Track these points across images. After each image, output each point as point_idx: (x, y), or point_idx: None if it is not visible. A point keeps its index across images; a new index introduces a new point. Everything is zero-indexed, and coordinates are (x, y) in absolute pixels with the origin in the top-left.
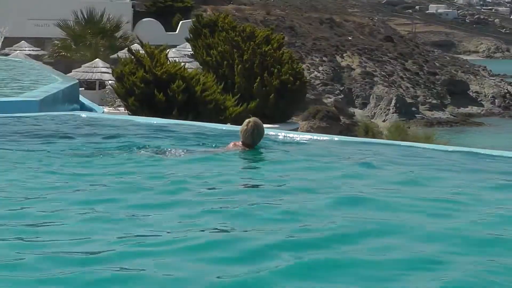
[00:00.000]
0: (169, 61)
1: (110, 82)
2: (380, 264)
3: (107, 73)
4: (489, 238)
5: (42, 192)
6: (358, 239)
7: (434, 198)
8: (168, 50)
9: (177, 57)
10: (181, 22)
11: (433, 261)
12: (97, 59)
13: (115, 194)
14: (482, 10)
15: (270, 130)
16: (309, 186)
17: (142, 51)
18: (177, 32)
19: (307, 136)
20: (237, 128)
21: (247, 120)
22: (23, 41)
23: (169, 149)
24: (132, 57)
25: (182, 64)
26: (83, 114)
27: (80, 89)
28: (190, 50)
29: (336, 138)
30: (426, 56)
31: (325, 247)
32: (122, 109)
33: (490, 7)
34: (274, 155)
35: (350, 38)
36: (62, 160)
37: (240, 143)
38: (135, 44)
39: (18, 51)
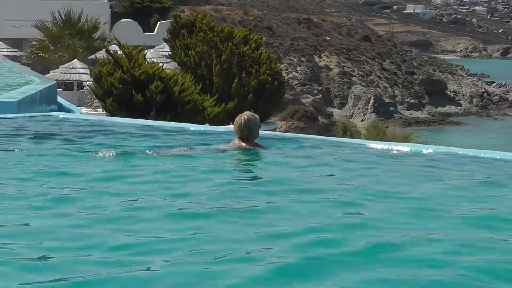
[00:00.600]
0: (147, 61)
1: (88, 83)
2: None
3: (85, 74)
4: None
5: (21, 194)
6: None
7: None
8: (146, 51)
9: (155, 58)
10: (159, 22)
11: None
12: (75, 60)
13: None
14: (459, 9)
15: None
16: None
17: (120, 52)
18: (155, 32)
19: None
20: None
21: (240, 114)
22: (0, 42)
23: (168, 149)
24: (110, 58)
25: (160, 64)
26: (61, 115)
27: (58, 90)
28: (168, 50)
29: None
30: (404, 56)
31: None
32: (100, 110)
33: (467, 7)
34: (272, 155)
35: (328, 38)
36: (38, 160)
37: (238, 139)
38: (113, 45)
39: None
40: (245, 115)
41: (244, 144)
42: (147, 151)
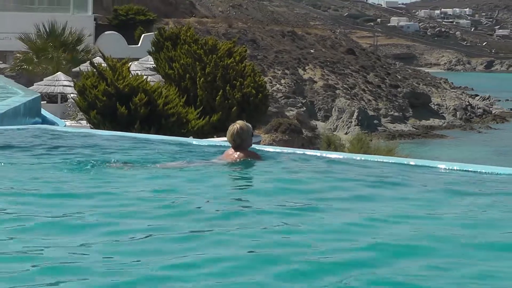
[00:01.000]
0: (131, 74)
1: (72, 95)
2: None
3: (69, 86)
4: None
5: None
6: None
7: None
8: (130, 63)
9: (139, 70)
10: (143, 35)
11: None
12: (59, 73)
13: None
14: (443, 23)
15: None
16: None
17: (104, 64)
18: (139, 45)
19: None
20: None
21: (233, 123)
22: None
23: (161, 162)
24: (94, 70)
25: (145, 77)
26: (45, 128)
27: (42, 102)
28: (152, 63)
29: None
30: (388, 69)
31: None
32: (84, 122)
33: (451, 20)
34: (266, 167)
35: (312, 51)
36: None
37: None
38: (97, 57)
39: None
40: (237, 124)
41: (237, 156)
42: (148, 165)
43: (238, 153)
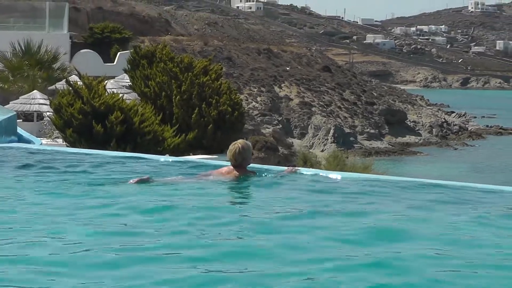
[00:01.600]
0: (107, 92)
1: (48, 113)
2: None
3: (45, 104)
4: None
5: None
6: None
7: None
8: (106, 81)
9: (115, 88)
10: (119, 53)
11: None
12: (35, 91)
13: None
14: (419, 40)
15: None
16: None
17: (80, 83)
18: (115, 63)
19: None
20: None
21: (234, 142)
22: None
23: (162, 177)
24: (70, 88)
25: (120, 95)
26: (21, 146)
27: (18, 120)
28: (128, 81)
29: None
30: (364, 86)
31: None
32: (60, 140)
33: (427, 37)
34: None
35: (288, 68)
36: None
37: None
38: (73, 75)
39: None
40: (238, 143)
41: (236, 172)
42: (144, 177)
43: (235, 172)
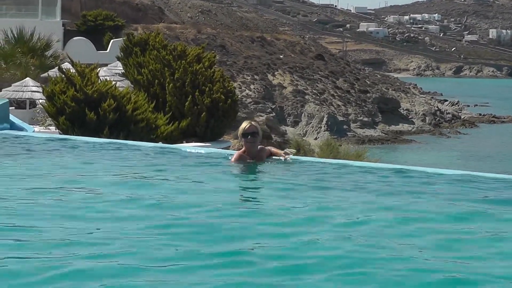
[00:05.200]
0: (100, 79)
1: (40, 101)
2: None
3: (38, 92)
4: None
5: None
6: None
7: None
8: (99, 69)
9: (108, 76)
10: (112, 40)
11: None
12: (27, 78)
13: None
14: (412, 28)
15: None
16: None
17: (72, 70)
18: (108, 50)
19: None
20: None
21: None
22: None
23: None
24: (63, 76)
25: (113, 82)
26: (13, 133)
27: (11, 108)
28: (121, 68)
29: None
30: (357, 74)
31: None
32: (52, 128)
33: (420, 26)
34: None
35: (281, 56)
36: None
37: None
38: (66, 63)
39: None
40: (249, 121)
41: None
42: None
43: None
